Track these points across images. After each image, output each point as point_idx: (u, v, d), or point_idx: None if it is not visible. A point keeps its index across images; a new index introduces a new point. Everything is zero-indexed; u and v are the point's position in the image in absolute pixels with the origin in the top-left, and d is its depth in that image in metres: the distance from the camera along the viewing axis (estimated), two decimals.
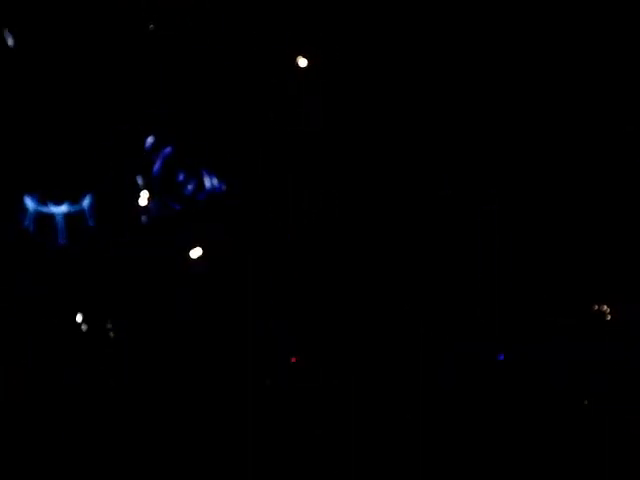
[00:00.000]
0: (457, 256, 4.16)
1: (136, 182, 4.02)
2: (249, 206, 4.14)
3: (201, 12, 4.14)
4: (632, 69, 4.02)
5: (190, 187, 3.94)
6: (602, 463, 3.93)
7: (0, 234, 4.09)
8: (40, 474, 4.07)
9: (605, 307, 4.15)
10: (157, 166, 3.96)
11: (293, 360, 4.29)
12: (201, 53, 4.14)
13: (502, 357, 4.17)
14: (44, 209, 4.07)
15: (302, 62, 4.15)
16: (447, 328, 4.19)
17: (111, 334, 4.25)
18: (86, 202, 4.10)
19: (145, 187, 3.98)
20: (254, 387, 4.21)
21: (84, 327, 4.25)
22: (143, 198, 3.98)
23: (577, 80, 4.10)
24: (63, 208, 4.10)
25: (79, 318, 4.23)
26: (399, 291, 4.24)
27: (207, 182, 3.96)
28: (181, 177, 3.93)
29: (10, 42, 4.00)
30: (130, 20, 4.11)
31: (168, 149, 3.90)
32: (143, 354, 4.25)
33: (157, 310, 4.25)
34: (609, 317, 4.14)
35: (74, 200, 4.09)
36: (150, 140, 3.92)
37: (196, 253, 4.07)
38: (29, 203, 4.07)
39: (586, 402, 4.05)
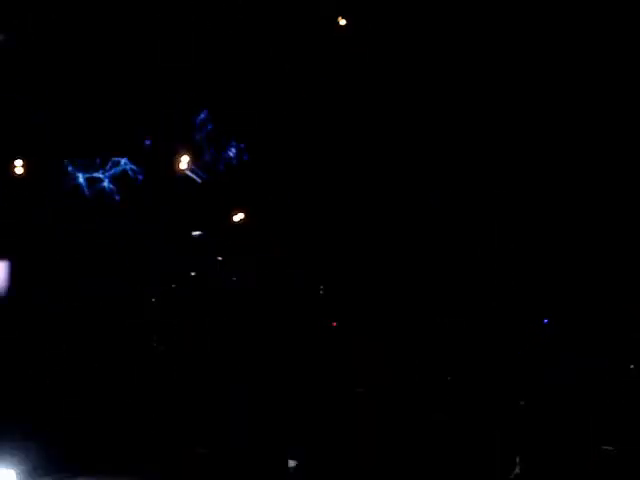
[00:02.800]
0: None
1: (169, 150, 4.13)
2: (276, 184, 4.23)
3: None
4: (632, 70, 4.06)
5: (224, 155, 4.01)
6: None
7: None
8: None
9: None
10: (198, 133, 4.06)
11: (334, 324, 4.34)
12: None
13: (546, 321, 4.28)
14: (84, 174, 4.23)
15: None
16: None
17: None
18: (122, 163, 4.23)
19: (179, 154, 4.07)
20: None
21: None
22: (177, 165, 4.08)
23: (577, 88, 4.16)
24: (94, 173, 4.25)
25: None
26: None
27: (235, 153, 4.04)
28: (212, 150, 4.03)
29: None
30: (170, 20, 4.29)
31: (203, 115, 3.99)
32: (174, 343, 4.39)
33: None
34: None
35: (103, 166, 4.25)
36: (185, 110, 4.01)
37: (237, 217, 4.16)
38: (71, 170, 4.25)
39: None
